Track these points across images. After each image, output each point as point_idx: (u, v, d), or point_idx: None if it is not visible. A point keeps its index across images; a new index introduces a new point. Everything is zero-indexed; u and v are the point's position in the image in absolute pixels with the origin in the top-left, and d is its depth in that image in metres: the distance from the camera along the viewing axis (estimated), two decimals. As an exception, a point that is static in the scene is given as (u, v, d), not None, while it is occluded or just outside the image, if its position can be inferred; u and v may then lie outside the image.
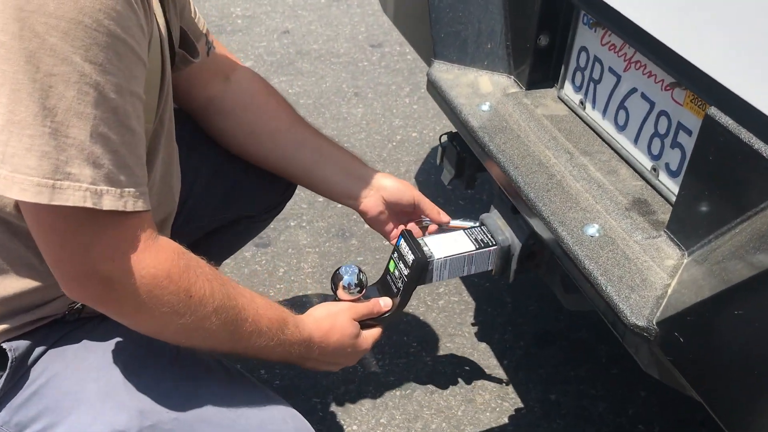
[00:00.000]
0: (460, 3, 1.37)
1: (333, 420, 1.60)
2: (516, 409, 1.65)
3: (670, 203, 1.06)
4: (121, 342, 0.99)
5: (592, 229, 1.03)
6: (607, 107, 1.19)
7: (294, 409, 1.07)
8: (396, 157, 2.40)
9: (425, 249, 1.18)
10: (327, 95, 2.71)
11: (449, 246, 1.20)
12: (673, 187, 1.06)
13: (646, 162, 1.12)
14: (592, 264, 0.98)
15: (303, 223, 2.12)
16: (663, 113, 1.07)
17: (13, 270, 0.90)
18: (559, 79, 1.30)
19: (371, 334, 1.18)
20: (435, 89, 1.37)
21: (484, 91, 1.34)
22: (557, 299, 1.33)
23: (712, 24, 0.90)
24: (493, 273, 1.25)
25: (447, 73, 1.38)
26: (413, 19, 1.51)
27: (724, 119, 0.87)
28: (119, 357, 0.97)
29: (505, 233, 1.22)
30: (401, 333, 1.81)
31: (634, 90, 1.13)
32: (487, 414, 1.63)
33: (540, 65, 1.31)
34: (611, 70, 1.17)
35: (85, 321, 1.01)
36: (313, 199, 2.19)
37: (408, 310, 1.87)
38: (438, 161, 1.51)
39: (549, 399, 1.67)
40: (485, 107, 1.29)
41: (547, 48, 1.29)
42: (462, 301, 1.91)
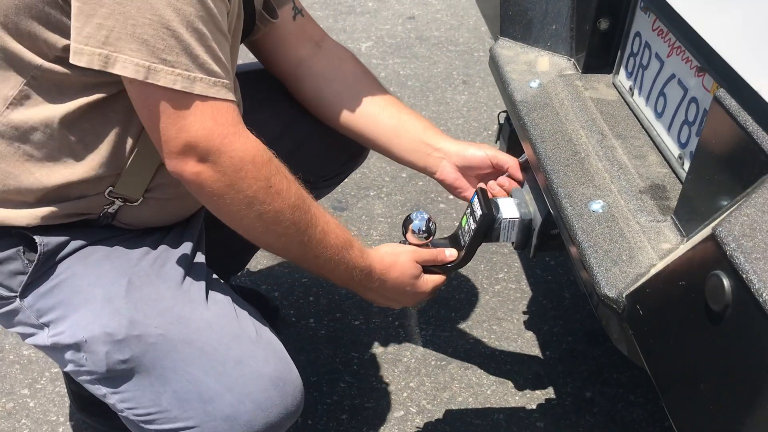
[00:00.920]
0: (530, -18, 1.38)
1: (365, 375, 1.67)
2: (546, 399, 1.64)
3: (688, 192, 1.04)
4: (137, 259, 1.09)
5: (596, 205, 1.03)
6: (651, 93, 1.17)
7: (285, 354, 1.11)
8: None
9: (495, 208, 1.21)
10: (435, 80, 2.77)
11: (518, 209, 1.22)
12: (695, 177, 1.04)
13: (674, 149, 1.10)
14: (583, 235, 0.98)
15: (382, 195, 2.20)
16: (693, 100, 1.05)
17: (63, 158, 1.03)
18: (615, 65, 1.29)
19: (433, 279, 1.23)
20: (494, 64, 1.40)
21: (539, 70, 1.35)
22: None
23: (732, 7, 0.88)
24: (515, 246, 1.27)
25: (508, 50, 1.40)
26: (489, -3, 1.54)
27: (729, 102, 0.85)
28: (131, 271, 1.07)
29: (529, 207, 1.23)
30: (450, 308, 1.85)
31: (673, 76, 1.11)
32: (516, 398, 1.64)
33: (599, 49, 1.30)
34: (657, 56, 1.15)
35: (115, 233, 1.12)
36: (397, 174, 2.26)
37: (462, 288, 1.90)
38: (495, 139, 1.53)
39: (584, 396, 1.64)
40: (534, 84, 1.31)
41: (608, 32, 1.28)
42: (519, 289, 1.91)
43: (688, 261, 0.80)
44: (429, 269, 1.23)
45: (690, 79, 1.06)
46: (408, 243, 1.23)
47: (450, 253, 1.25)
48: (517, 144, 1.45)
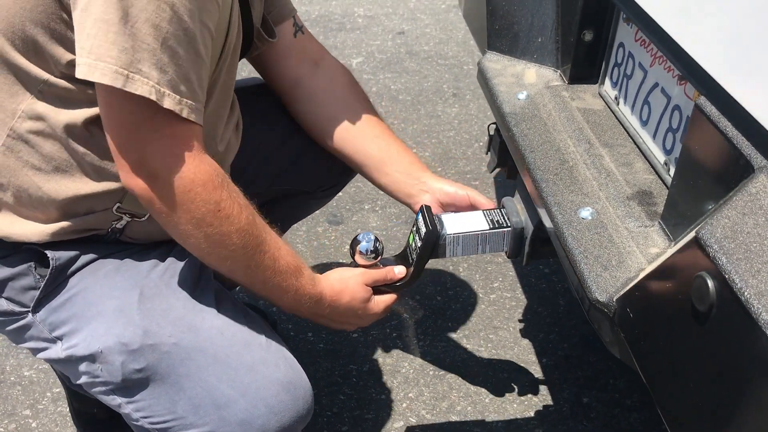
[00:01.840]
0: (515, -3, 1.42)
1: (364, 386, 1.69)
2: (544, 405, 1.66)
3: (675, 197, 1.07)
4: (147, 271, 1.12)
5: (585, 212, 1.05)
6: (635, 102, 1.20)
7: (294, 359, 1.14)
8: (480, 157, 2.45)
9: (439, 224, 1.23)
10: (426, 93, 2.81)
11: (464, 223, 1.25)
12: (680, 182, 1.06)
13: (660, 156, 1.12)
14: (574, 242, 1.00)
15: (376, 208, 2.23)
16: (676, 108, 1.08)
17: (71, 172, 1.06)
18: (600, 75, 1.32)
19: (384, 300, 1.24)
20: (482, 78, 1.43)
21: (526, 82, 1.38)
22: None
23: (709, 17, 0.91)
24: (507, 254, 1.29)
25: (496, 64, 1.43)
26: (476, 12, 1.57)
27: (710, 109, 0.88)
28: (141, 282, 1.10)
29: (521, 216, 1.26)
30: (447, 318, 1.87)
31: (656, 85, 1.14)
32: (515, 405, 1.65)
33: (584, 61, 1.34)
34: (640, 65, 1.18)
35: (123, 247, 1.15)
36: (390, 187, 2.29)
37: (458, 298, 1.93)
38: (486, 150, 1.56)
39: (581, 401, 1.66)
40: (522, 96, 1.34)
41: (592, 44, 1.32)
42: (514, 298, 1.93)
43: (674, 264, 0.82)
44: (379, 289, 1.24)
45: (673, 88, 1.09)
46: (357, 265, 1.23)
47: (399, 271, 1.26)
48: (507, 154, 1.48)
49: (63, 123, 1.02)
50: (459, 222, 1.26)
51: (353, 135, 1.37)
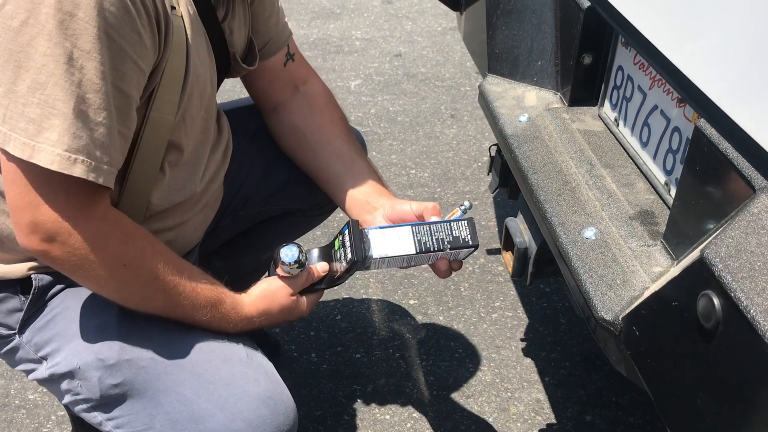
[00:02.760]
0: (515, 22, 1.45)
1: (368, 406, 1.69)
2: (548, 424, 1.67)
3: (676, 217, 1.09)
4: None
5: (589, 233, 1.07)
6: (635, 124, 1.23)
7: (277, 375, 1.13)
8: (479, 177, 2.48)
9: (365, 246, 1.18)
10: (424, 115, 2.84)
11: (390, 245, 1.19)
12: (681, 202, 1.09)
13: (660, 177, 1.15)
14: (579, 262, 1.02)
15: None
16: (676, 129, 1.10)
17: None
18: (600, 98, 1.35)
19: (310, 300, 1.22)
20: (483, 100, 1.46)
21: (527, 105, 1.41)
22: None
23: (707, 40, 0.94)
24: (512, 275, 1.31)
25: (497, 86, 1.46)
26: (476, 36, 1.60)
27: (709, 131, 0.91)
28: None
29: (524, 236, 1.28)
30: (449, 338, 1.88)
31: (655, 107, 1.16)
32: (518, 424, 1.66)
33: (583, 83, 1.36)
34: (639, 88, 1.21)
35: None
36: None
37: (460, 318, 1.94)
38: (487, 171, 1.58)
39: (584, 419, 1.67)
40: (523, 118, 1.36)
41: (591, 67, 1.34)
42: (516, 317, 1.95)
43: (679, 282, 0.84)
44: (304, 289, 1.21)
45: (672, 110, 1.11)
46: (279, 275, 1.20)
47: (321, 268, 1.22)
48: (509, 175, 1.50)
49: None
50: (385, 241, 1.19)
51: (318, 155, 1.38)
